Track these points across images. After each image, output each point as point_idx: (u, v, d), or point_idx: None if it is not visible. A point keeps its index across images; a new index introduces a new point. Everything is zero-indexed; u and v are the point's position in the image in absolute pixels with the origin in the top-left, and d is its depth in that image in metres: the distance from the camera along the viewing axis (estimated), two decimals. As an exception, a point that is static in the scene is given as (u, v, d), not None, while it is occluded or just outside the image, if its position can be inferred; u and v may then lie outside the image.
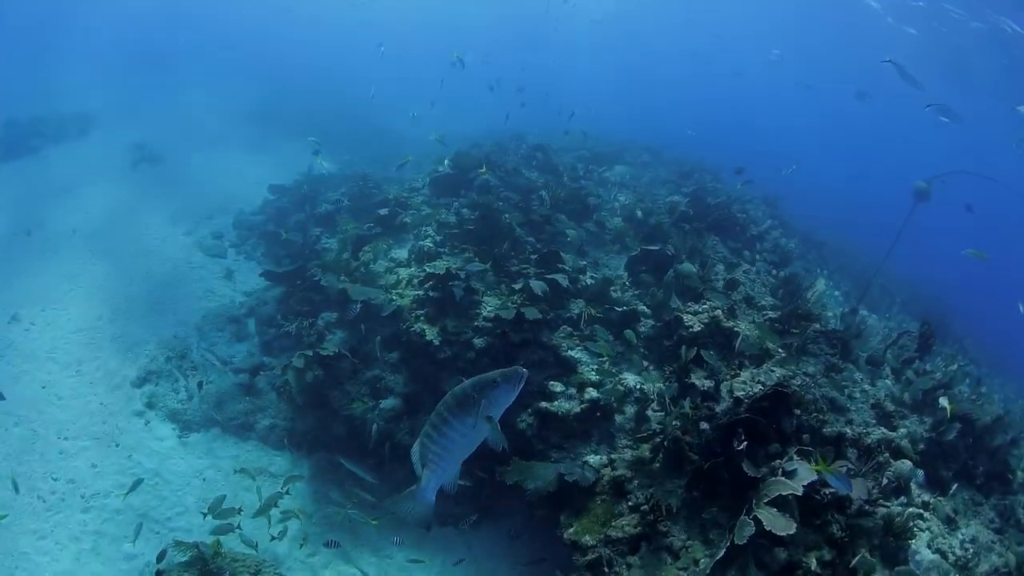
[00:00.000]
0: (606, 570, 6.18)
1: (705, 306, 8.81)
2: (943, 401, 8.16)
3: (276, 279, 11.75)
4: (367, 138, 24.20)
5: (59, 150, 20.21)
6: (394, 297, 9.27)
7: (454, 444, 3.73)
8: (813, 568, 5.63)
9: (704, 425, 6.73)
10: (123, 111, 24.12)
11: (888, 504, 6.70)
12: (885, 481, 6.96)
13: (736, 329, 8.48)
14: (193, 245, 14.80)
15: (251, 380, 10.42)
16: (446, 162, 12.92)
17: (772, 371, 7.79)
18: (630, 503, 6.63)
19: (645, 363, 8.33)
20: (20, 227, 14.69)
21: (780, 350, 8.31)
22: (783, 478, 5.91)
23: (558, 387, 7.94)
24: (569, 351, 8.39)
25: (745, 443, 6.19)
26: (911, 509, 6.75)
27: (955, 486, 7.56)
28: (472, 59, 17.39)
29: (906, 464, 7.17)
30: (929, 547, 6.66)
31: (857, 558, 5.76)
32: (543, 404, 7.75)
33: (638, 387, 7.90)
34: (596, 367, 8.16)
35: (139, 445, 9.31)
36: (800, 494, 5.70)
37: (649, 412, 7.62)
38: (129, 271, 13.28)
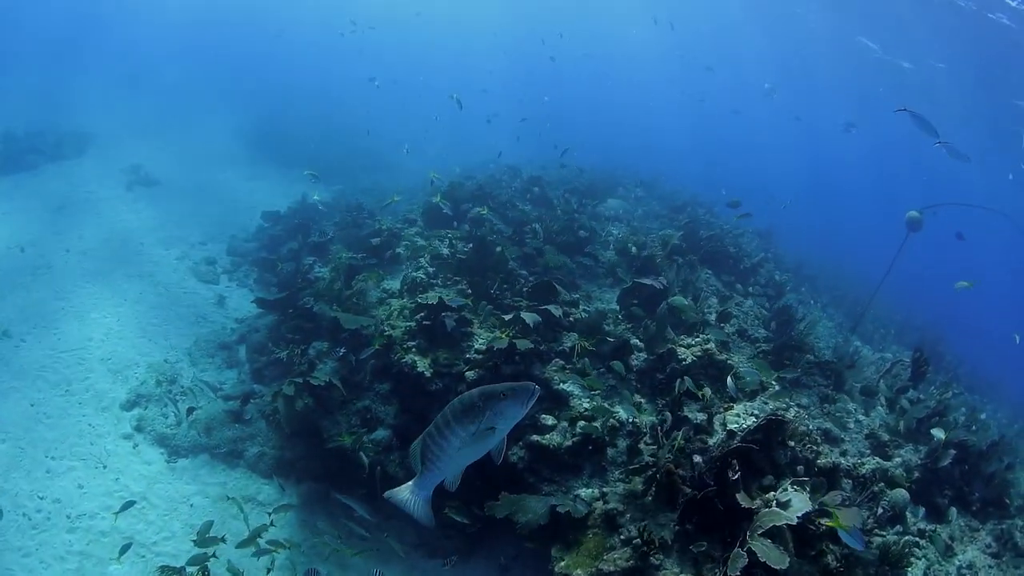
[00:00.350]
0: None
1: (698, 339, 8.81)
2: (937, 432, 8.16)
3: (268, 307, 11.72)
4: (362, 167, 24.35)
5: (55, 167, 20.19)
6: (385, 329, 9.22)
7: (453, 449, 3.74)
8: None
9: (697, 458, 6.69)
10: (120, 132, 24.23)
11: (884, 533, 6.66)
12: (880, 511, 6.93)
13: (729, 362, 8.48)
14: (186, 270, 14.78)
15: (241, 407, 10.34)
16: (437, 197, 12.96)
17: (765, 403, 7.79)
18: (622, 536, 6.55)
19: (638, 397, 8.29)
20: (14, 243, 14.64)
21: (774, 383, 8.30)
22: (777, 509, 5.86)
23: (550, 420, 7.87)
24: (561, 384, 8.32)
25: (739, 473, 6.15)
26: (907, 538, 6.71)
27: (953, 513, 7.54)
28: (470, 91, 17.58)
29: (901, 493, 7.15)
30: (926, 575, 6.62)
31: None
32: (534, 437, 7.68)
33: (630, 420, 7.84)
34: (588, 400, 8.10)
35: (126, 468, 9.20)
36: (795, 524, 5.64)
37: (641, 445, 7.56)
38: (121, 293, 13.21)
